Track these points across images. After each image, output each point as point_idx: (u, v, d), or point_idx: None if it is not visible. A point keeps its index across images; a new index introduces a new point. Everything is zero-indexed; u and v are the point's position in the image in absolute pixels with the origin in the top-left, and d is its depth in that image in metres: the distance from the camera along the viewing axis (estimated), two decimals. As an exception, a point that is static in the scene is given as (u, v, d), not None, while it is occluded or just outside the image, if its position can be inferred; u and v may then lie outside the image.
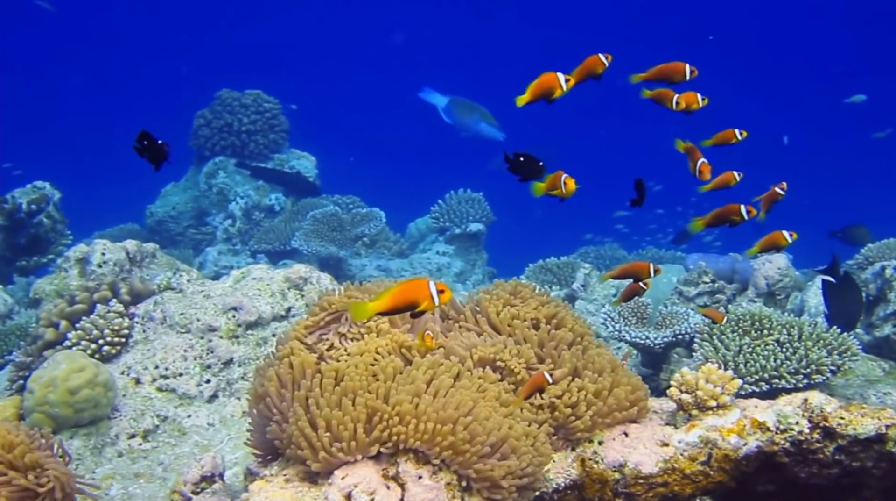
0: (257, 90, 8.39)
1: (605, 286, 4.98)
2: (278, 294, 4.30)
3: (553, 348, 2.70)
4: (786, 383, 3.52)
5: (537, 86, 2.85)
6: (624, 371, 2.71)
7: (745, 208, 3.11)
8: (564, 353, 2.67)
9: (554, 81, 2.84)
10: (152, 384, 4.03)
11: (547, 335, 2.73)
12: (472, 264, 7.39)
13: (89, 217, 10.18)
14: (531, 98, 2.86)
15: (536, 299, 2.92)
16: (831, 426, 2.44)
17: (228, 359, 4.08)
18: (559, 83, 2.84)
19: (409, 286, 2.27)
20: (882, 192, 20.03)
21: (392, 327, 2.70)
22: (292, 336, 2.67)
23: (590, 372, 2.62)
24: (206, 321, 4.15)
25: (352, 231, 7.24)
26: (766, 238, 3.40)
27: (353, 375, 2.35)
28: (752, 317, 3.86)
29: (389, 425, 2.19)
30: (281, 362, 2.54)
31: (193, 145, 8.37)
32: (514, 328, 2.76)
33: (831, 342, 3.66)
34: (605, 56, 2.92)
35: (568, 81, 2.86)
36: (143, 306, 4.35)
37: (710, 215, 3.18)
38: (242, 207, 7.90)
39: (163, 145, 2.90)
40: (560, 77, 2.85)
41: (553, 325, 2.83)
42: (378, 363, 2.46)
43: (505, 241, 9.72)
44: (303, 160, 8.41)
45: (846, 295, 4.04)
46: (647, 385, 3.60)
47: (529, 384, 2.49)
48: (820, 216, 17.22)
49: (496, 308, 2.86)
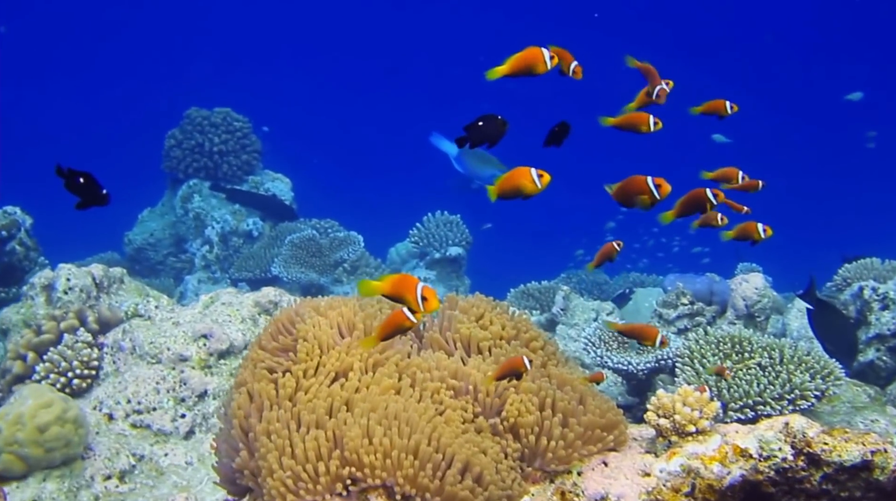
0: (226, 108, 8.20)
1: (585, 310, 4.92)
2: (249, 320, 4.21)
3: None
4: (770, 409, 3.46)
5: (520, 59, 2.66)
6: (596, 395, 2.64)
7: (710, 191, 2.90)
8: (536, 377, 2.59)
9: (538, 56, 2.66)
10: (126, 419, 3.91)
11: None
12: (454, 289, 7.29)
13: (67, 245, 10.03)
14: (510, 71, 2.66)
15: (505, 318, 2.85)
16: (815, 452, 2.37)
17: (203, 391, 3.97)
18: (543, 59, 2.66)
19: (402, 282, 2.23)
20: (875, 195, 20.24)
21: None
22: (250, 360, 2.59)
23: (562, 397, 2.53)
24: (177, 350, 4.04)
25: (331, 257, 7.15)
26: (741, 227, 3.32)
27: (316, 404, 2.27)
28: (733, 340, 3.81)
29: (351, 461, 2.11)
30: (239, 392, 2.45)
31: (166, 168, 8.20)
32: (483, 349, 2.68)
33: (814, 366, 3.61)
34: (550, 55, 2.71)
35: (553, 58, 2.68)
36: (111, 335, 4.24)
37: (677, 205, 2.97)
38: (219, 232, 7.77)
39: (105, 196, 2.71)
40: (545, 52, 2.67)
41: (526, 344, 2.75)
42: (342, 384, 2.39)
43: (488, 263, 9.65)
44: (277, 182, 8.29)
45: (835, 326, 3.97)
46: (629, 415, 3.54)
47: (505, 366, 2.42)
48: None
49: (468, 328, 2.78)
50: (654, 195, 2.67)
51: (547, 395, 2.49)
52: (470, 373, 2.52)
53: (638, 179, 2.69)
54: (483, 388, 2.48)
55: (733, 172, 3.44)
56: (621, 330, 3.32)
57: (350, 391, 2.38)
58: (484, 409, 2.47)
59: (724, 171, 3.45)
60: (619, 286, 7.13)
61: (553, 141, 2.78)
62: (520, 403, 2.45)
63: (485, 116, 2.67)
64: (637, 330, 3.21)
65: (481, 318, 2.80)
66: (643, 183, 2.67)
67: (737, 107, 3.26)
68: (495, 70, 2.66)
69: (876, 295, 4.63)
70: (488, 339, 2.69)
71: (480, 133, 2.68)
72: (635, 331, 3.22)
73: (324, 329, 2.57)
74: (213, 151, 8.01)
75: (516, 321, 2.83)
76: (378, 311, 2.73)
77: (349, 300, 2.80)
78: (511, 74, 2.67)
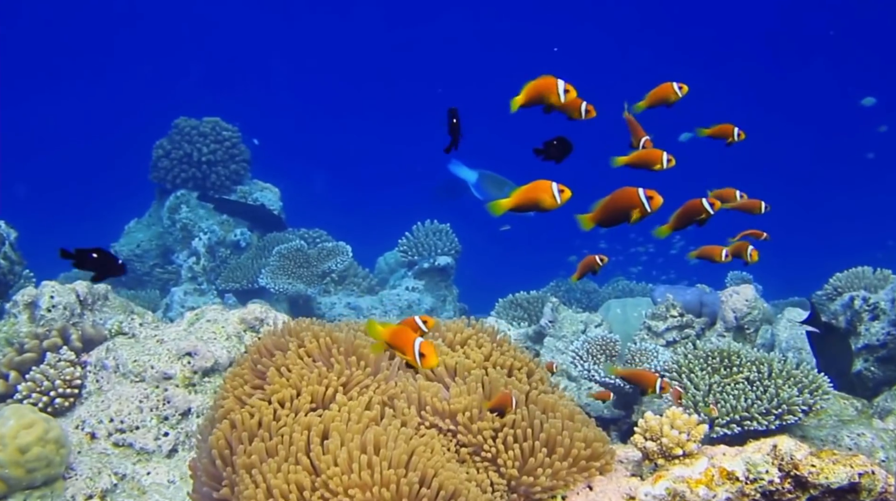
0: (215, 118, 8.15)
1: (574, 322, 4.89)
2: (234, 337, 4.16)
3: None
4: (757, 425, 3.44)
5: (532, 89, 2.66)
6: (583, 420, 2.61)
7: (706, 201, 2.86)
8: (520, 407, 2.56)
9: (551, 86, 2.66)
10: (108, 438, 3.86)
11: (500, 387, 2.62)
12: (442, 299, 7.27)
13: (53, 257, 9.95)
14: (526, 101, 2.68)
15: (490, 342, 2.82)
16: (802, 475, 2.35)
17: (186, 409, 3.92)
18: (556, 89, 2.66)
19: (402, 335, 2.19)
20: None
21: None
22: (230, 388, 2.55)
23: (548, 425, 2.51)
24: (161, 369, 3.99)
25: (319, 267, 7.11)
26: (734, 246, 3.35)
27: (295, 438, 2.23)
28: (721, 354, 3.78)
29: (334, 493, 2.07)
30: (220, 421, 2.41)
31: (154, 178, 8.14)
32: (468, 377, 2.64)
33: (802, 380, 3.58)
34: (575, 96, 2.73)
35: (567, 92, 2.67)
36: (95, 353, 4.19)
37: (673, 218, 2.93)
38: (206, 243, 7.71)
39: (122, 266, 2.81)
40: (559, 84, 2.67)
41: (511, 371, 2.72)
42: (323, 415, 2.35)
43: (478, 271, 9.62)
44: (266, 192, 8.24)
45: (833, 347, 3.96)
46: (615, 428, 3.48)
47: (494, 402, 2.39)
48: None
49: (452, 357, 2.75)
50: (646, 208, 2.57)
51: (532, 424, 2.46)
52: (455, 402, 2.49)
53: (628, 191, 2.59)
54: (467, 417, 2.45)
55: (731, 193, 3.44)
56: (622, 375, 3.30)
57: (331, 422, 2.34)
58: (469, 438, 2.44)
59: (721, 192, 3.45)
60: (609, 295, 7.12)
61: (552, 156, 2.75)
62: (505, 432, 2.42)
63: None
64: (637, 377, 3.20)
65: (465, 344, 2.77)
66: (634, 195, 2.57)
67: (686, 87, 3.20)
68: (514, 101, 2.67)
69: (866, 305, 4.62)
70: (473, 367, 2.66)
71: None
72: (635, 377, 3.21)
73: (305, 359, 2.53)
74: (201, 161, 7.96)
75: (501, 346, 2.80)
76: (363, 342, 2.69)
77: (333, 327, 2.77)
78: (526, 103, 2.67)
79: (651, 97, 3.18)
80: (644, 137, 3.03)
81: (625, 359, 4.33)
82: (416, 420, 2.47)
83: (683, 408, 3.54)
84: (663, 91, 3.16)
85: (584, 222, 2.68)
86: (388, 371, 2.63)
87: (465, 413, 2.46)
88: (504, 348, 2.83)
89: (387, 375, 2.63)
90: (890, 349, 4.48)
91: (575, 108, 2.75)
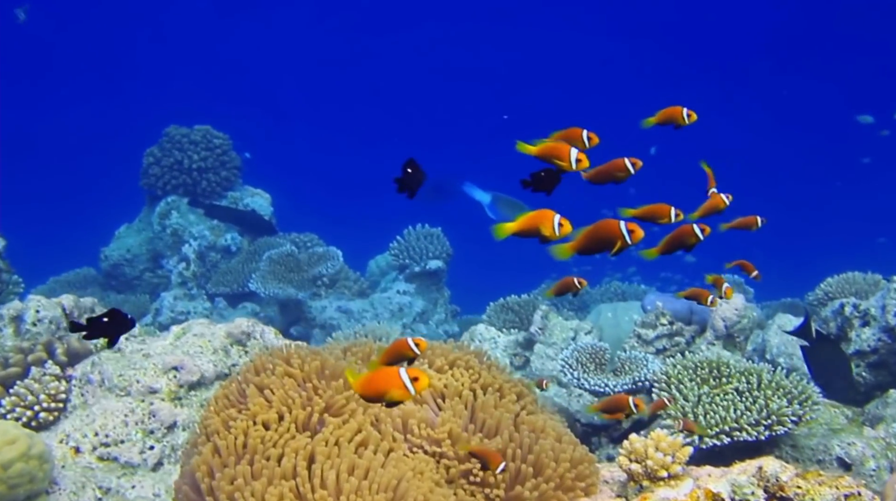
0: (206, 126, 8.14)
1: (564, 329, 4.86)
2: (221, 351, 4.13)
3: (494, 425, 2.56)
4: (747, 435, 3.42)
5: (545, 150, 2.66)
6: (570, 441, 2.59)
7: (697, 227, 2.84)
8: (504, 431, 2.53)
9: (564, 154, 2.66)
10: (93, 452, 3.82)
11: (489, 409, 2.60)
12: (433, 302, 7.23)
13: (43, 260, 9.91)
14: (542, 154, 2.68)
15: (478, 367, 2.80)
16: (788, 497, 2.33)
17: (172, 423, 3.89)
18: (569, 157, 2.65)
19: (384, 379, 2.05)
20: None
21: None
22: (214, 411, 2.52)
23: (536, 447, 2.48)
24: (147, 383, 3.96)
25: (309, 272, 7.07)
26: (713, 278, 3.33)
27: (284, 465, 2.20)
28: (710, 365, 3.76)
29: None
30: (203, 445, 2.38)
31: (144, 185, 8.12)
32: (454, 401, 2.62)
33: (791, 391, 3.56)
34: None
35: (591, 139, 2.72)
36: (80, 367, 4.15)
37: (664, 242, 2.91)
38: (196, 249, 7.67)
39: (131, 321, 2.92)
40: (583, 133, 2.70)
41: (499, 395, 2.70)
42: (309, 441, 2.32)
43: (470, 272, 9.58)
44: (257, 198, 8.21)
45: (830, 356, 3.91)
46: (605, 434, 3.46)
47: (481, 452, 2.37)
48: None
49: (440, 379, 2.72)
50: (627, 241, 2.55)
51: (521, 444, 2.44)
52: (442, 425, 2.47)
53: (610, 224, 2.58)
54: (454, 440, 2.43)
55: (751, 220, 3.41)
56: (600, 409, 3.26)
57: (318, 446, 2.31)
58: (457, 461, 2.42)
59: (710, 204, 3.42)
60: (601, 296, 7.09)
61: (541, 187, 2.74)
62: (493, 454, 2.39)
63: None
64: (611, 404, 3.17)
65: (454, 365, 2.75)
66: (615, 228, 2.55)
67: (695, 115, 3.17)
68: (526, 147, 2.67)
69: (857, 312, 4.59)
70: (460, 390, 2.64)
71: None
72: (611, 405, 3.17)
73: (290, 383, 2.51)
74: (192, 168, 7.94)
75: (490, 369, 2.78)
76: (352, 362, 2.67)
77: (320, 350, 2.75)
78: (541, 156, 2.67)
79: (661, 116, 3.18)
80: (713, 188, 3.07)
81: (615, 367, 4.31)
82: (404, 445, 2.44)
83: (672, 418, 3.52)
84: (672, 114, 3.16)
85: (562, 252, 2.66)
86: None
87: (453, 438, 2.45)
88: (493, 370, 2.81)
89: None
90: (881, 354, 4.46)
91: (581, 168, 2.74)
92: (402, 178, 2.56)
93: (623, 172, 2.73)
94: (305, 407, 2.46)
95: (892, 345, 4.45)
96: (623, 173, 2.73)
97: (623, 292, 7.21)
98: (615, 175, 2.74)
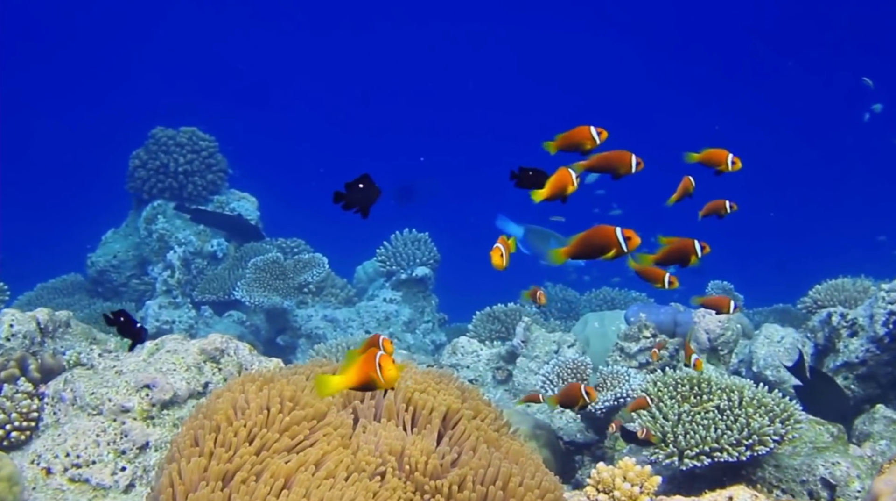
0: (192, 127, 8.04)
1: (547, 342, 4.78)
2: (194, 368, 4.05)
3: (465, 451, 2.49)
4: (728, 456, 3.34)
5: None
6: (538, 467, 2.51)
7: (698, 243, 2.85)
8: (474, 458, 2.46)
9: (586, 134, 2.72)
10: (64, 474, 3.74)
11: (458, 435, 2.53)
12: (420, 311, 7.15)
13: (30, 267, 9.84)
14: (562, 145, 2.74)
15: (452, 390, 2.72)
16: (761, 530, 2.26)
17: (144, 443, 3.81)
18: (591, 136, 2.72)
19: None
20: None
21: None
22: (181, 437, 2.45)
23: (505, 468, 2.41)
24: (119, 402, 3.88)
25: (295, 279, 7.00)
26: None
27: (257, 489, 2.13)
28: (691, 381, 3.68)
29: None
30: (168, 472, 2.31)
31: (131, 189, 8.03)
32: (425, 427, 2.55)
33: (773, 409, 3.48)
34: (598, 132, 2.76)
35: (600, 134, 2.74)
36: (52, 384, 4.07)
37: (660, 253, 2.89)
38: (181, 256, 7.58)
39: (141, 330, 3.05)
40: (592, 130, 2.73)
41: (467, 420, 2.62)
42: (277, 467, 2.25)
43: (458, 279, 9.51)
44: (243, 201, 8.12)
45: (826, 396, 3.79)
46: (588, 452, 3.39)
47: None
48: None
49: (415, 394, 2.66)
50: (622, 249, 2.53)
51: (488, 470, 2.38)
52: (413, 452, 2.40)
53: (605, 230, 2.55)
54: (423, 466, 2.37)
55: (720, 204, 3.37)
56: (557, 402, 3.21)
57: (290, 474, 2.24)
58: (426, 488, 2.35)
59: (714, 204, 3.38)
60: (590, 303, 7.02)
61: (525, 185, 2.68)
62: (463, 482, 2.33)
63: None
64: (565, 397, 3.14)
65: (426, 392, 2.69)
66: (612, 234, 2.52)
67: (739, 163, 3.21)
68: (550, 145, 2.74)
69: (844, 322, 4.52)
70: (435, 417, 2.57)
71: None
72: (565, 398, 3.16)
73: (253, 406, 2.44)
74: (178, 171, 7.85)
75: (465, 393, 2.72)
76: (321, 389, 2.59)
77: (290, 375, 2.69)
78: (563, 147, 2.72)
79: (705, 156, 3.19)
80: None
81: (597, 382, 4.24)
82: (374, 468, 2.38)
83: (654, 438, 3.44)
84: (717, 157, 3.19)
85: (557, 257, 2.62)
86: (348, 419, 2.55)
87: (425, 464, 2.38)
88: (470, 396, 2.75)
89: (347, 423, 2.55)
90: (869, 366, 4.39)
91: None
92: (350, 194, 2.40)
93: (590, 142, 2.73)
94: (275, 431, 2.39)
95: (881, 356, 4.38)
96: (590, 144, 2.74)
97: (612, 299, 7.13)
98: (583, 146, 2.74)
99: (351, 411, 2.65)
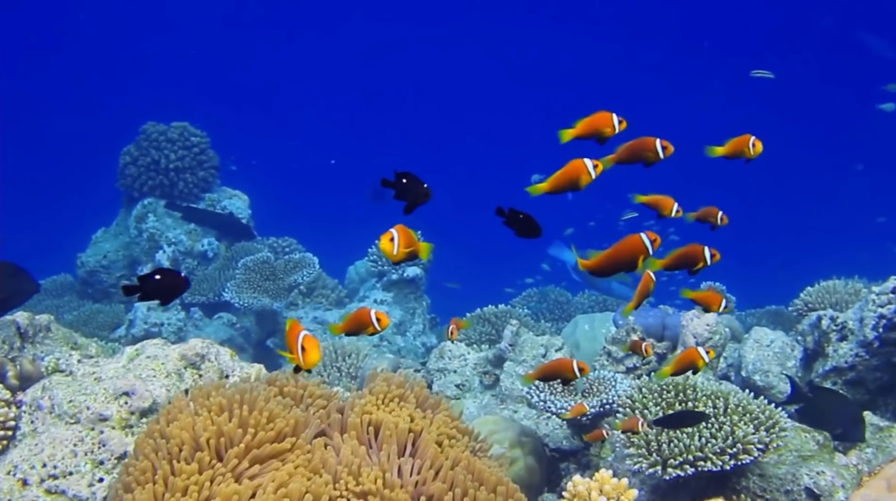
0: (184, 123, 7.97)
1: (535, 346, 4.73)
2: (174, 374, 3.99)
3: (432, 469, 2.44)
4: (712, 465, 3.28)
5: (587, 125, 2.75)
6: (509, 488, 2.46)
7: (708, 250, 2.88)
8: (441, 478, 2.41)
9: (607, 120, 2.75)
10: (40, 485, 3.69)
11: (426, 452, 2.47)
12: (411, 312, 7.08)
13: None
14: (581, 132, 2.77)
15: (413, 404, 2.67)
16: (737, 550, 2.21)
17: (122, 453, 3.75)
18: (612, 123, 2.75)
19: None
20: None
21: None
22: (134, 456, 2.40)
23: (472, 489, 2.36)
24: (97, 410, 3.83)
25: (285, 280, 6.95)
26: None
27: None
28: (676, 387, 3.63)
29: None
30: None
31: (121, 186, 7.97)
32: (390, 444, 2.50)
33: (759, 416, 3.43)
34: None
35: (621, 122, 2.77)
36: (30, 392, 4.02)
37: (670, 257, 2.93)
38: (170, 255, 7.53)
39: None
40: (614, 117, 2.76)
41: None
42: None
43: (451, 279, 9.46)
44: (235, 199, 8.06)
45: (829, 405, 3.69)
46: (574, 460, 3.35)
47: None
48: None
49: (379, 413, 2.61)
50: (649, 252, 2.65)
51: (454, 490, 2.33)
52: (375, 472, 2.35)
53: (633, 240, 2.65)
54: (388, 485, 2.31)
55: (713, 211, 3.34)
56: (537, 377, 3.21)
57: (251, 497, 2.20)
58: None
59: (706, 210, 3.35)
60: (582, 305, 6.96)
61: (513, 226, 2.71)
62: None
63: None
64: (552, 371, 3.13)
65: (393, 401, 2.65)
66: (639, 243, 2.63)
67: (760, 145, 3.17)
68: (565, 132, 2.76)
69: (834, 325, 4.45)
70: (401, 431, 2.52)
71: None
72: (549, 372, 3.16)
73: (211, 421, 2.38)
74: (168, 168, 7.79)
75: (436, 406, 2.67)
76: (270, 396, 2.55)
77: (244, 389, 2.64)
78: (581, 136, 2.76)
79: (729, 147, 3.20)
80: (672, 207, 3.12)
81: (582, 389, 4.18)
82: (335, 489, 2.32)
83: (635, 447, 3.39)
84: (741, 145, 3.20)
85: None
86: (309, 435, 2.50)
87: (387, 483, 2.33)
88: (438, 408, 2.69)
89: (307, 438, 2.50)
90: (858, 371, 4.32)
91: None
92: (400, 187, 2.56)
93: (610, 129, 2.77)
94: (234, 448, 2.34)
95: (870, 361, 4.31)
96: (610, 131, 2.77)
97: (604, 302, 7.08)
98: (602, 132, 2.77)
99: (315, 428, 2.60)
